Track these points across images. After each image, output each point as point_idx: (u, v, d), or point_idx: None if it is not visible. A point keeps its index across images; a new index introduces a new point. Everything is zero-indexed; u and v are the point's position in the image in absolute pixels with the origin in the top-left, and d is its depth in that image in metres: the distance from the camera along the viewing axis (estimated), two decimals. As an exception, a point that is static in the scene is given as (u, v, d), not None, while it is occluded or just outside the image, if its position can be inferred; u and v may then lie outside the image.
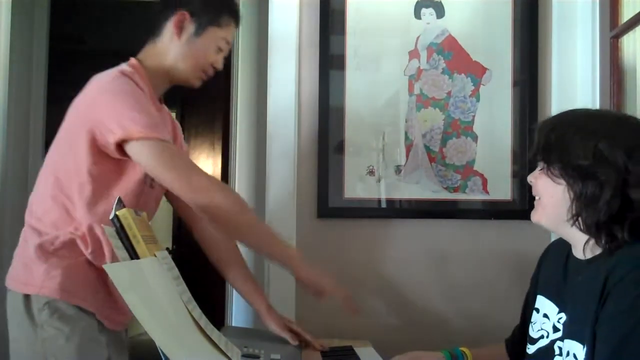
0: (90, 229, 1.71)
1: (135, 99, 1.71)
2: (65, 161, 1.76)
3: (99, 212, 1.71)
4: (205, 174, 1.74)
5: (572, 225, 1.41)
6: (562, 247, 1.55)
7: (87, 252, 1.72)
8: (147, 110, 1.71)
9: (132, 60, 1.89)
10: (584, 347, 1.35)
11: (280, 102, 2.46)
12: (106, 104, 1.70)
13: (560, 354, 1.44)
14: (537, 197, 1.50)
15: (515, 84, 2.48)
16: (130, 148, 1.68)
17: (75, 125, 1.75)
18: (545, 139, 1.46)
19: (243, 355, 1.52)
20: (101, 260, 1.71)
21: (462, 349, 1.77)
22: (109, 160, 1.73)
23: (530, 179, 1.52)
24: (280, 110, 2.45)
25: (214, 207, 1.70)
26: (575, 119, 1.46)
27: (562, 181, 1.41)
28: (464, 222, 2.47)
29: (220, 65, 1.98)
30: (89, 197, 1.72)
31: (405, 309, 2.44)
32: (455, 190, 2.46)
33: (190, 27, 1.90)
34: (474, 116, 2.47)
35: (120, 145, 1.68)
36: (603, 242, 1.38)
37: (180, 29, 1.89)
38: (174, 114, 2.04)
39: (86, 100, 1.75)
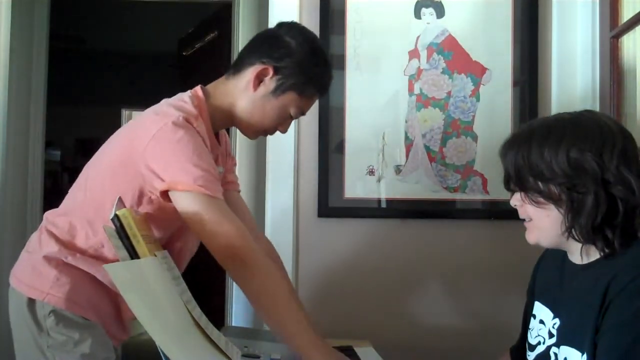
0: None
1: (193, 149, 1.60)
2: (105, 190, 1.69)
3: None
4: (251, 241, 1.59)
5: (568, 237, 1.40)
6: (557, 253, 1.54)
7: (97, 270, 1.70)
8: (203, 164, 1.60)
9: (199, 92, 1.79)
10: (582, 355, 1.34)
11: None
12: (164, 150, 1.60)
13: None
14: (525, 219, 1.48)
15: (515, 83, 2.48)
16: (174, 197, 1.59)
17: (124, 162, 1.66)
18: (513, 166, 1.44)
19: (243, 355, 1.52)
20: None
21: None
22: (151, 205, 1.68)
23: (514, 202, 1.49)
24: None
25: (254, 286, 1.57)
26: (533, 134, 1.43)
27: (547, 202, 1.40)
28: (463, 222, 2.47)
29: (285, 130, 1.87)
30: None
31: (405, 309, 2.44)
32: (455, 190, 2.46)
33: (270, 84, 1.76)
34: (474, 116, 2.47)
35: (166, 195, 1.60)
36: (600, 246, 1.36)
37: (259, 81, 1.76)
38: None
39: (140, 142, 1.62)
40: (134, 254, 1.36)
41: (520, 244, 1.54)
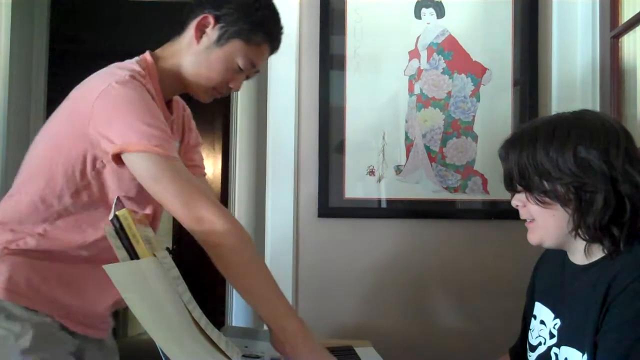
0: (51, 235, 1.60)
1: (145, 108, 1.51)
2: (54, 161, 1.58)
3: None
4: (213, 203, 1.50)
5: (575, 237, 1.39)
6: (557, 253, 1.53)
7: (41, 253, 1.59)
8: (157, 123, 1.51)
9: (147, 56, 1.71)
10: (583, 355, 1.34)
11: (280, 102, 2.46)
12: (110, 111, 1.50)
13: None
14: (527, 220, 1.47)
15: (515, 83, 2.48)
16: (129, 160, 1.48)
17: (70, 128, 1.57)
18: (517, 166, 1.43)
19: (244, 356, 1.52)
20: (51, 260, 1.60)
21: None
22: (98, 181, 1.59)
23: (516, 203, 1.48)
24: (281, 111, 2.45)
25: (217, 243, 1.47)
26: (537, 132, 1.42)
27: (553, 202, 1.39)
28: (464, 222, 2.47)
29: (238, 87, 1.76)
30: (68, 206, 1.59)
31: (405, 309, 2.44)
32: (455, 190, 2.46)
33: (213, 34, 1.67)
34: (474, 116, 2.46)
35: (119, 158, 1.49)
36: (606, 245, 1.36)
37: (201, 32, 1.69)
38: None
39: (86, 103, 1.52)
40: (133, 255, 1.36)
41: (520, 244, 1.54)
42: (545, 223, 1.43)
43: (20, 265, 1.58)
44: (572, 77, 2.44)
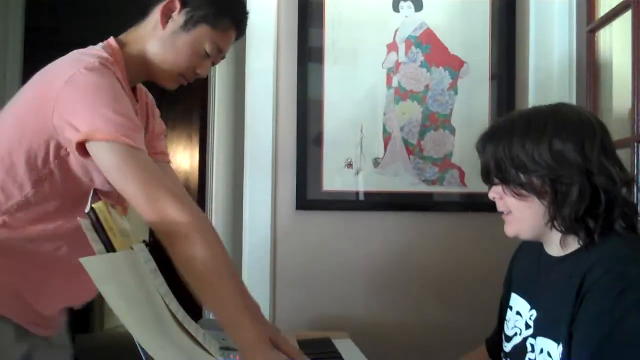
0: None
1: (114, 95, 1.45)
2: (14, 147, 1.50)
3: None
4: (178, 198, 1.41)
5: (550, 228, 1.41)
6: (534, 245, 1.54)
7: None
8: (125, 111, 1.44)
9: (112, 41, 1.64)
10: (558, 346, 1.35)
11: (258, 95, 2.45)
12: (77, 97, 1.43)
13: (533, 351, 1.44)
14: (504, 212, 1.48)
15: (492, 77, 2.49)
16: (93, 149, 1.40)
17: (33, 114, 1.48)
18: (493, 158, 1.44)
19: (221, 348, 1.51)
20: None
21: None
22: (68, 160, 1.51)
23: (493, 195, 1.49)
24: (258, 103, 2.45)
25: (177, 240, 1.38)
26: (513, 125, 1.44)
27: (529, 194, 1.41)
28: (441, 215, 2.48)
29: (204, 72, 1.71)
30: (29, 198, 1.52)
31: (383, 301, 2.45)
32: (433, 182, 2.46)
33: (179, 19, 1.63)
34: (452, 109, 2.47)
35: (84, 148, 1.41)
36: (581, 237, 1.37)
37: (167, 17, 1.63)
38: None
39: (52, 89, 1.44)
40: (110, 247, 1.35)
41: (497, 236, 1.55)
42: (522, 215, 1.44)
43: None
44: (549, 70, 2.46)
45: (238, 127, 2.77)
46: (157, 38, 1.65)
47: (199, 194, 4.71)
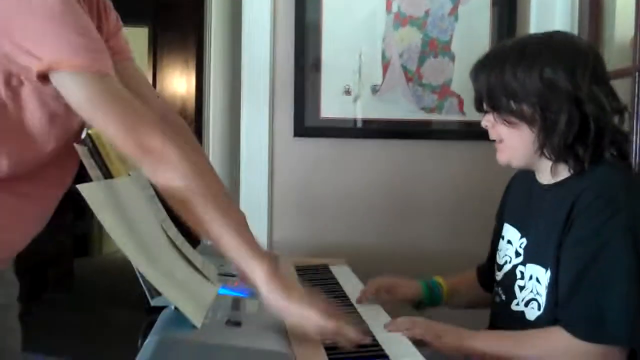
0: None
1: (73, 13, 1.26)
2: None
3: None
4: (160, 129, 1.27)
5: (540, 156, 1.42)
6: (526, 175, 1.56)
7: None
8: (89, 32, 1.27)
9: None
10: (546, 271, 1.39)
11: (255, 19, 2.41)
12: (31, 18, 1.23)
13: (522, 278, 1.48)
14: (496, 140, 1.49)
15: (494, 3, 2.44)
16: (58, 80, 1.24)
17: None
18: (486, 86, 1.45)
19: (219, 274, 1.52)
20: None
21: (437, 279, 1.77)
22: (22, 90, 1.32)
23: (485, 123, 1.51)
24: (256, 27, 2.41)
25: (166, 174, 1.25)
26: (506, 53, 1.44)
27: (520, 122, 1.41)
28: (440, 143, 2.47)
29: None
30: None
31: (380, 227, 2.47)
32: (431, 110, 2.45)
33: None
34: (452, 35, 2.44)
35: (45, 76, 1.24)
36: (571, 165, 1.39)
37: None
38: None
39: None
40: (107, 174, 1.35)
41: (496, 165, 1.55)
42: (513, 143, 1.45)
43: None
44: (551, -3, 2.42)
45: (235, 53, 2.74)
46: None
47: (196, 120, 4.69)
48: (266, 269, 1.21)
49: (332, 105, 2.43)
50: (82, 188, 1.12)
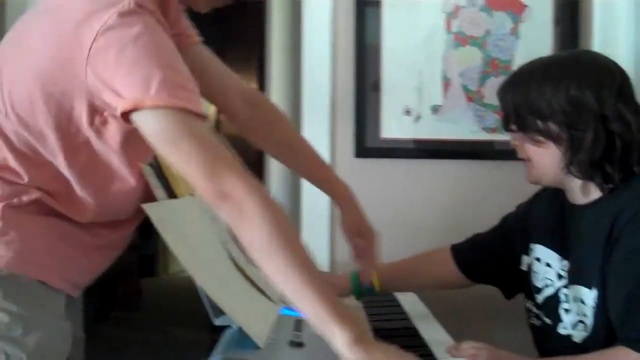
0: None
1: (159, 46, 1.19)
2: (37, 112, 1.24)
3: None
4: (242, 175, 1.18)
5: (567, 174, 1.42)
6: (554, 194, 1.56)
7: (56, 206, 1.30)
8: (176, 65, 1.21)
9: None
10: (591, 290, 1.38)
11: (315, 41, 2.43)
12: (116, 52, 1.15)
13: (567, 301, 1.46)
14: (525, 159, 1.50)
15: (556, 21, 2.41)
16: (139, 117, 1.17)
17: (57, 70, 1.21)
18: (512, 103, 1.45)
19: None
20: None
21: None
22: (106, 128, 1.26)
23: (514, 142, 1.52)
24: (316, 49, 2.43)
25: (244, 224, 1.17)
26: (532, 72, 1.46)
27: (547, 141, 1.42)
28: (502, 163, 2.44)
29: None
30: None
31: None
32: (493, 130, 2.43)
33: None
34: (513, 55, 2.42)
35: (128, 114, 1.17)
36: (599, 182, 1.39)
37: None
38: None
39: (78, 41, 1.17)
40: (171, 194, 1.37)
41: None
42: (540, 162, 1.46)
43: (29, 224, 1.28)
44: (615, 14, 2.38)
45: (295, 74, 2.76)
46: None
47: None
48: (348, 336, 1.11)
49: (392, 126, 2.43)
50: (147, 207, 1.15)
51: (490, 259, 1.73)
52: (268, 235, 1.14)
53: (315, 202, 2.40)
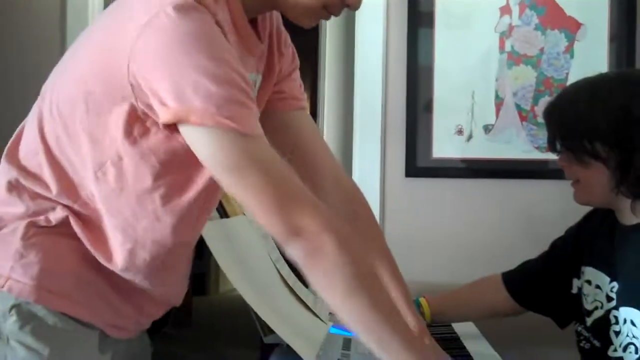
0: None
1: (214, 53, 1.02)
2: (77, 116, 1.10)
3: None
4: (315, 207, 1.06)
5: (617, 194, 1.40)
6: (604, 215, 1.54)
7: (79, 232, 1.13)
8: (231, 77, 1.02)
9: None
10: None
11: (367, 62, 2.44)
12: (162, 53, 1.00)
13: (617, 323, 1.43)
14: (573, 180, 1.49)
15: (612, 39, 2.38)
16: (186, 133, 1.03)
17: (103, 70, 1.07)
18: (559, 125, 1.45)
19: (331, 313, 1.54)
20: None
21: (420, 300, 1.74)
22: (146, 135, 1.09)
23: (562, 163, 1.51)
24: (368, 70, 2.44)
25: (320, 262, 1.04)
26: (577, 92, 1.45)
27: (595, 161, 1.40)
28: (555, 183, 2.40)
29: (338, 12, 1.21)
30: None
31: (495, 270, 2.41)
32: (547, 150, 2.39)
33: None
34: (567, 74, 2.39)
35: (173, 125, 1.04)
36: None
37: None
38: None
39: (126, 37, 1.02)
40: (223, 213, 1.39)
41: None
42: (589, 182, 1.45)
43: (60, 248, 1.14)
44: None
45: (347, 94, 2.78)
46: None
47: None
48: None
49: (444, 145, 2.42)
50: (199, 227, 1.16)
51: (542, 284, 1.70)
52: (347, 276, 1.04)
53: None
